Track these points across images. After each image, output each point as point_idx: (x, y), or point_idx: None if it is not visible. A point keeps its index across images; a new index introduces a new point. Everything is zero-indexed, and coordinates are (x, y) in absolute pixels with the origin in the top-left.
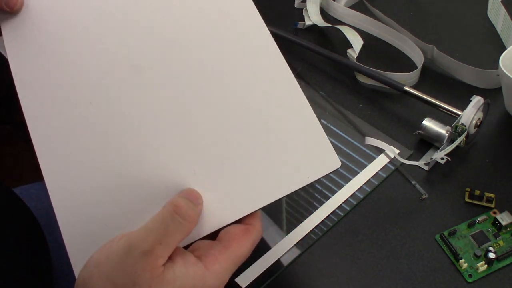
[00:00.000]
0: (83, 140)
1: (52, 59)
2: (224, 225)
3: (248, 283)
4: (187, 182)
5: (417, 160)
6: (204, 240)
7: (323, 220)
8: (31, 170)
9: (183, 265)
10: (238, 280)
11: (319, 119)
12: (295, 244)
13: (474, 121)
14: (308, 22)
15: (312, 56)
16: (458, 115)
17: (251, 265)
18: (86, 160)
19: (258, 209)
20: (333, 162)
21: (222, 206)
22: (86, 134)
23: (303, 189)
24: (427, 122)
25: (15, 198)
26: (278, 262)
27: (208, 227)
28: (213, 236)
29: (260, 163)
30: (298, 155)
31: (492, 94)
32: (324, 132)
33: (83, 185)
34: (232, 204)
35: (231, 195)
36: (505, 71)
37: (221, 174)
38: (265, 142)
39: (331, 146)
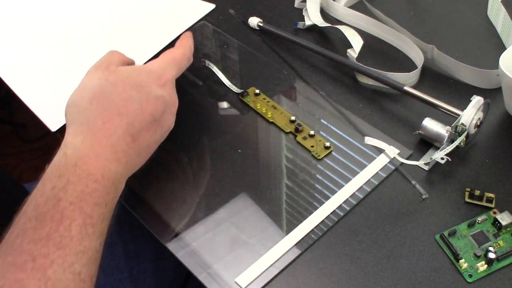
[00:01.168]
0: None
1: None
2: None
3: (248, 283)
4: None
5: (417, 160)
6: None
7: (323, 220)
8: (31, 170)
9: (134, 65)
10: (238, 280)
11: (319, 119)
12: (295, 244)
13: (474, 121)
14: (308, 22)
15: (312, 56)
16: (458, 115)
17: (251, 265)
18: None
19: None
20: (207, 6)
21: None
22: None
23: (303, 189)
24: (427, 122)
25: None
26: (278, 262)
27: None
28: None
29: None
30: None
31: (492, 94)
32: None
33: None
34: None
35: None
36: (505, 71)
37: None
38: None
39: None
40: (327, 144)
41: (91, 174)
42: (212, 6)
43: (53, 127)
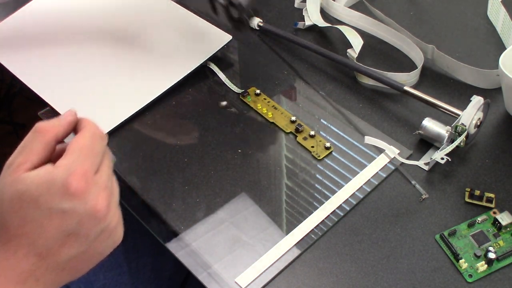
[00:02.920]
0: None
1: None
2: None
3: (248, 283)
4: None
5: (417, 160)
6: None
7: (323, 220)
8: None
9: (39, 169)
10: (238, 280)
11: (319, 119)
12: (295, 244)
13: (474, 121)
14: (308, 22)
15: (312, 56)
16: (458, 115)
17: (251, 265)
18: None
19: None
20: (225, 36)
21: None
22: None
23: (303, 189)
24: (427, 122)
25: None
26: (278, 262)
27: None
28: None
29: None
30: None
31: (492, 94)
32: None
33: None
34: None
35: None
36: (505, 71)
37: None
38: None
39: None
40: (328, 144)
41: None
42: (229, 37)
43: None
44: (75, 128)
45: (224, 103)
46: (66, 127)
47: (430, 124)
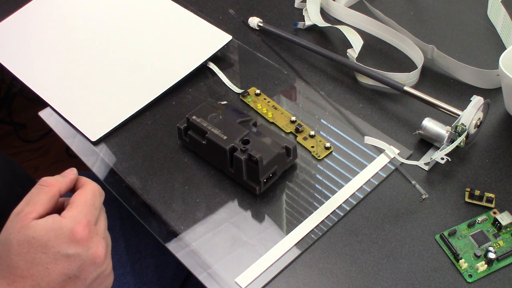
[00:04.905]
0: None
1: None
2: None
3: (248, 283)
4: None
5: (417, 160)
6: None
7: (323, 220)
8: (31, 170)
9: (47, 218)
10: (238, 280)
11: (319, 119)
12: (295, 244)
13: (474, 121)
14: (308, 22)
15: (312, 56)
16: (458, 115)
17: (251, 265)
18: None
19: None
20: (225, 36)
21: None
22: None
23: (303, 189)
24: (427, 122)
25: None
26: (278, 262)
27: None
28: None
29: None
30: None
31: (492, 94)
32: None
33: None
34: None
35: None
36: (505, 71)
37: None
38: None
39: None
40: (327, 144)
41: None
42: (229, 37)
43: (93, 137)
44: (74, 185)
45: (224, 103)
46: (68, 183)
47: (430, 124)
